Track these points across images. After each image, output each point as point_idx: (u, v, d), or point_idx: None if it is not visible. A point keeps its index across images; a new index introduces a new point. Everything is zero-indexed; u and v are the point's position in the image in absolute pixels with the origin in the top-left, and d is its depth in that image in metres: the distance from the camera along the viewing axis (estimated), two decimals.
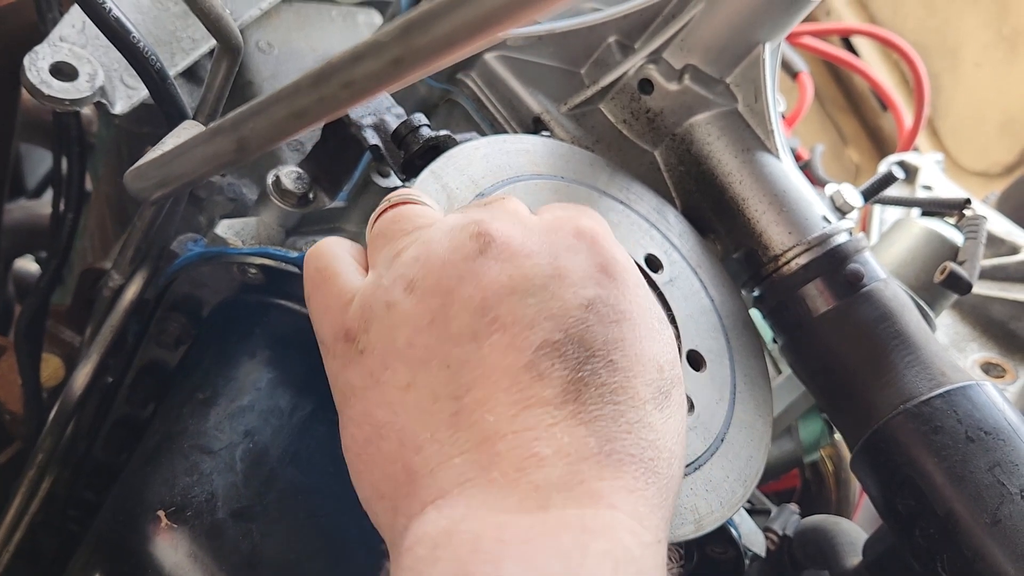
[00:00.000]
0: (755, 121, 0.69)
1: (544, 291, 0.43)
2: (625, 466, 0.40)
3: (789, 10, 0.66)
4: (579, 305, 0.43)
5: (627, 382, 0.42)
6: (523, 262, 0.44)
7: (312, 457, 0.58)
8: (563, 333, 0.42)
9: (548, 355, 0.41)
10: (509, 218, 0.47)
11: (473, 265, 0.44)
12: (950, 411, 0.58)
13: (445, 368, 0.42)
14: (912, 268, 0.83)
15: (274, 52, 0.82)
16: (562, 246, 0.45)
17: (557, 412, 0.40)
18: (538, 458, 0.39)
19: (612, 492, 0.39)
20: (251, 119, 0.41)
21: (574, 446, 0.40)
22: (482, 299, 0.43)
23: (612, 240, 0.48)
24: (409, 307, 0.44)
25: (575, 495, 0.39)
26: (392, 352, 0.43)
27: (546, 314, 0.42)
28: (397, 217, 0.49)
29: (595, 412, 0.41)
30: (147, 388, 0.70)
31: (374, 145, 0.62)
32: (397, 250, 0.47)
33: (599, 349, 0.42)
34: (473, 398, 0.41)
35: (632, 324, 0.44)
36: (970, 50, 1.85)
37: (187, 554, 0.54)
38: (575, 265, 0.44)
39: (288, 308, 0.62)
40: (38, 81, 0.61)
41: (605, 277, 0.44)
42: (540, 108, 0.71)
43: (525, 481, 0.39)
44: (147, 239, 0.68)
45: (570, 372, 0.41)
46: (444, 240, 0.45)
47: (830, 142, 1.94)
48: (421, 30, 0.31)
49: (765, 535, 0.74)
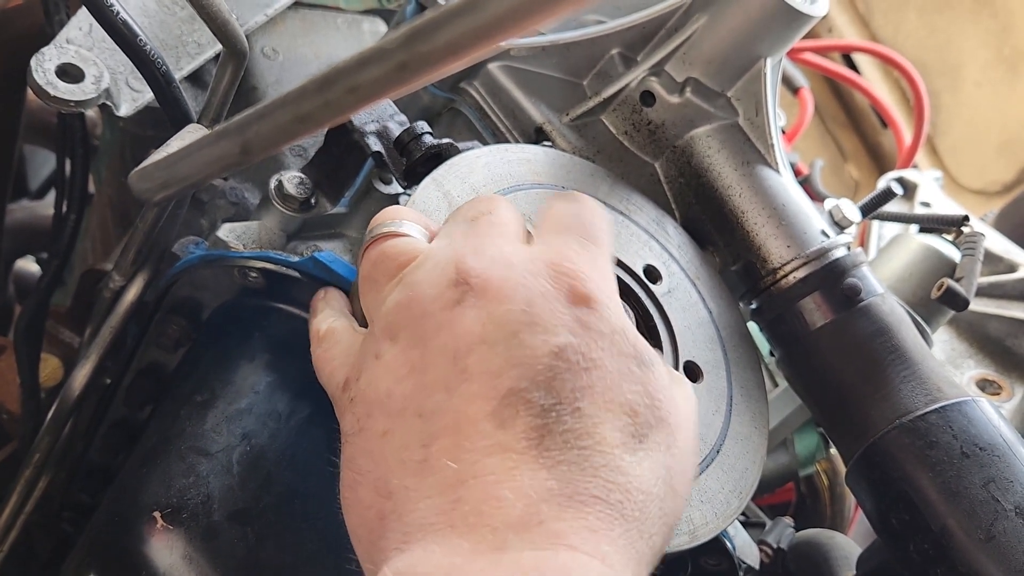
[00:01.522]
0: (755, 135, 0.70)
1: (514, 339, 0.43)
2: (588, 507, 0.40)
3: (791, 26, 0.67)
4: (548, 353, 0.43)
5: (594, 428, 0.42)
6: (496, 308, 0.44)
7: (309, 461, 0.58)
8: (528, 381, 0.42)
9: (512, 404, 0.42)
10: (492, 250, 0.47)
11: (451, 314, 0.44)
12: (945, 426, 0.58)
13: (418, 417, 0.43)
14: (909, 284, 0.84)
15: (279, 58, 0.82)
16: (538, 291, 0.45)
17: (518, 457, 0.41)
18: (498, 500, 0.40)
19: (572, 532, 0.39)
20: (256, 122, 0.41)
21: (534, 488, 0.40)
22: (455, 349, 0.44)
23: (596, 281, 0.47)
24: (391, 357, 0.45)
25: (532, 536, 0.39)
26: (374, 401, 0.45)
27: (514, 362, 0.43)
28: (380, 259, 0.50)
29: (558, 457, 0.41)
30: (145, 390, 0.70)
31: (377, 152, 0.62)
32: (383, 296, 0.48)
33: (566, 396, 0.42)
34: (440, 446, 0.42)
35: (603, 372, 0.44)
36: (970, 69, 1.85)
37: (182, 556, 0.54)
38: (549, 312, 0.44)
39: (288, 312, 0.62)
40: (44, 82, 0.61)
41: (578, 325, 0.44)
42: (542, 118, 0.71)
43: (483, 524, 0.39)
44: (149, 241, 0.68)
45: (533, 419, 0.42)
46: (426, 287, 0.46)
47: (830, 158, 1.95)
48: (426, 37, 0.31)
49: (759, 548, 0.74)
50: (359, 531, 0.44)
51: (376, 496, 0.43)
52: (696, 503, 0.57)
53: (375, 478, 0.43)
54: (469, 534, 0.39)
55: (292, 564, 0.55)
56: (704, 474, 0.58)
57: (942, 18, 1.86)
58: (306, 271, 0.59)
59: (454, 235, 0.49)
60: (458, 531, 0.39)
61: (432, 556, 0.39)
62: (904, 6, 1.90)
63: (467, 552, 0.39)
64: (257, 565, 0.55)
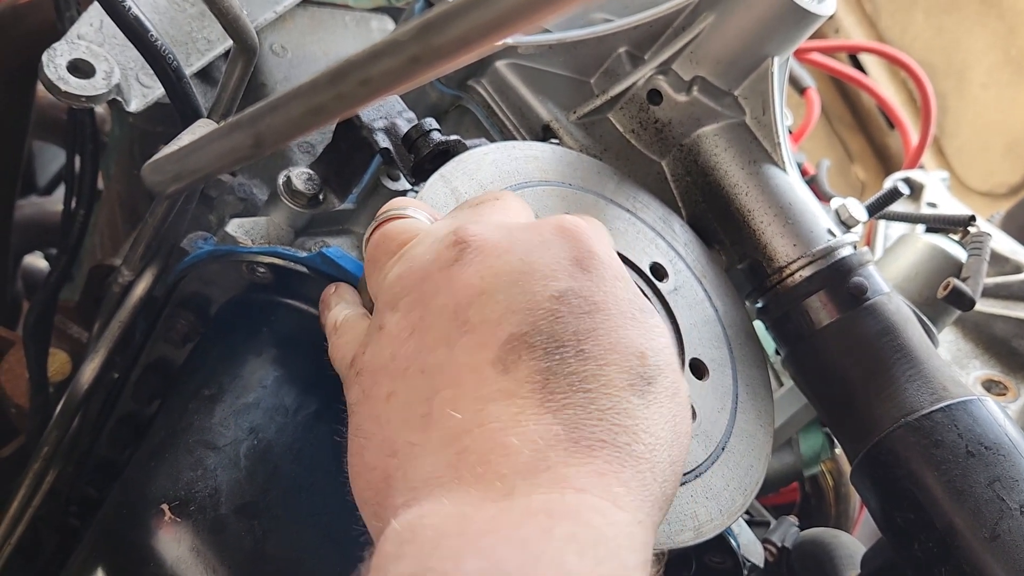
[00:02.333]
0: (762, 134, 0.70)
1: (513, 287, 0.43)
2: (595, 451, 0.40)
3: (798, 25, 0.67)
4: (549, 297, 0.43)
5: (599, 370, 0.42)
6: (493, 261, 0.44)
7: (315, 455, 0.58)
8: (530, 325, 0.42)
9: (514, 348, 0.42)
10: (491, 220, 0.47)
11: (448, 272, 0.45)
12: (951, 425, 0.58)
13: (420, 374, 0.43)
14: (915, 283, 0.84)
15: (287, 55, 0.83)
16: (536, 241, 0.45)
17: (523, 402, 0.41)
18: (503, 448, 0.40)
19: (580, 476, 0.39)
20: (268, 115, 0.42)
21: (540, 434, 0.40)
22: (455, 304, 0.44)
23: (594, 235, 0.47)
24: (394, 324, 0.45)
25: (540, 481, 0.39)
26: (379, 367, 0.45)
27: (513, 308, 0.43)
28: (380, 239, 0.50)
29: (563, 400, 0.41)
30: (152, 385, 0.70)
31: (385, 148, 0.62)
32: (385, 273, 0.48)
33: (569, 339, 0.42)
34: (442, 399, 0.42)
35: (606, 314, 0.44)
36: (977, 71, 1.85)
37: (190, 548, 0.54)
38: (548, 259, 0.44)
39: (295, 307, 0.62)
40: (56, 78, 0.61)
41: (579, 270, 0.44)
42: (549, 116, 0.71)
43: (490, 472, 0.39)
44: (158, 236, 0.68)
45: (537, 362, 0.41)
46: (425, 254, 0.46)
47: (836, 159, 1.95)
48: (438, 30, 0.32)
49: (764, 547, 0.74)
50: (365, 494, 0.44)
51: (381, 457, 0.43)
52: (701, 500, 0.57)
53: (380, 440, 0.43)
54: (477, 483, 0.39)
55: (298, 557, 0.56)
56: (709, 471, 0.58)
57: (949, 19, 1.86)
58: (314, 266, 0.60)
59: (456, 214, 0.50)
60: (465, 482, 0.39)
61: (441, 507, 0.39)
62: (911, 7, 1.90)
63: (476, 500, 0.38)
64: (264, 558, 0.55)
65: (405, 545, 0.38)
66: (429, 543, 0.37)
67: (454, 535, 0.37)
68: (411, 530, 0.38)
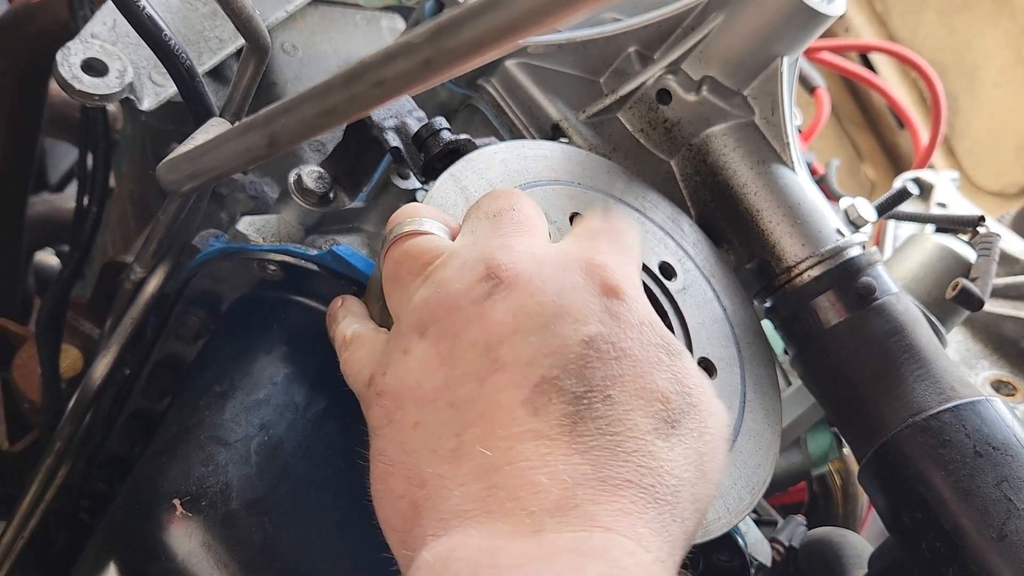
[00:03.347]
0: (771, 133, 0.70)
1: (546, 329, 0.44)
2: (622, 491, 0.41)
3: (808, 25, 0.67)
4: (579, 342, 0.44)
5: (625, 415, 0.43)
6: (527, 300, 0.45)
7: (325, 452, 0.59)
8: (560, 369, 0.43)
9: (545, 391, 0.43)
10: (520, 246, 0.48)
11: (481, 308, 0.45)
12: (959, 425, 0.58)
13: (450, 407, 0.44)
14: (924, 283, 0.84)
15: (298, 54, 0.83)
16: (568, 283, 0.46)
17: (552, 443, 0.42)
18: (533, 486, 0.40)
19: (608, 515, 0.40)
20: (283, 115, 0.42)
21: (569, 473, 0.41)
22: (487, 340, 0.44)
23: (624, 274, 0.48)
24: (421, 351, 0.46)
25: (569, 519, 0.39)
26: (404, 393, 0.46)
27: (545, 351, 0.43)
28: (403, 258, 0.50)
29: (591, 442, 0.42)
30: (164, 381, 0.71)
31: (395, 147, 0.63)
32: (410, 294, 0.48)
33: (597, 384, 0.43)
34: (472, 434, 0.43)
35: (633, 360, 0.44)
36: (989, 71, 1.84)
37: (201, 543, 0.55)
38: (580, 303, 0.45)
39: (306, 305, 0.63)
40: (70, 76, 0.62)
41: (608, 316, 0.45)
42: (559, 115, 0.72)
43: (520, 508, 0.40)
44: (170, 234, 0.69)
45: (566, 406, 0.42)
46: (454, 281, 0.47)
47: (846, 158, 1.94)
48: (452, 33, 0.32)
49: (771, 545, 0.74)
50: (391, 521, 0.45)
51: (408, 486, 0.43)
52: None
53: (407, 468, 0.44)
54: (506, 519, 0.40)
55: (308, 553, 0.56)
56: None
57: (960, 19, 1.85)
58: (324, 264, 0.60)
59: (478, 232, 0.50)
60: (495, 516, 0.40)
61: (471, 540, 0.39)
62: (922, 7, 1.89)
63: (507, 535, 0.39)
64: (274, 553, 0.55)
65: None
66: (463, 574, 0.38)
67: (487, 567, 0.38)
68: (443, 562, 0.39)
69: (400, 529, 0.44)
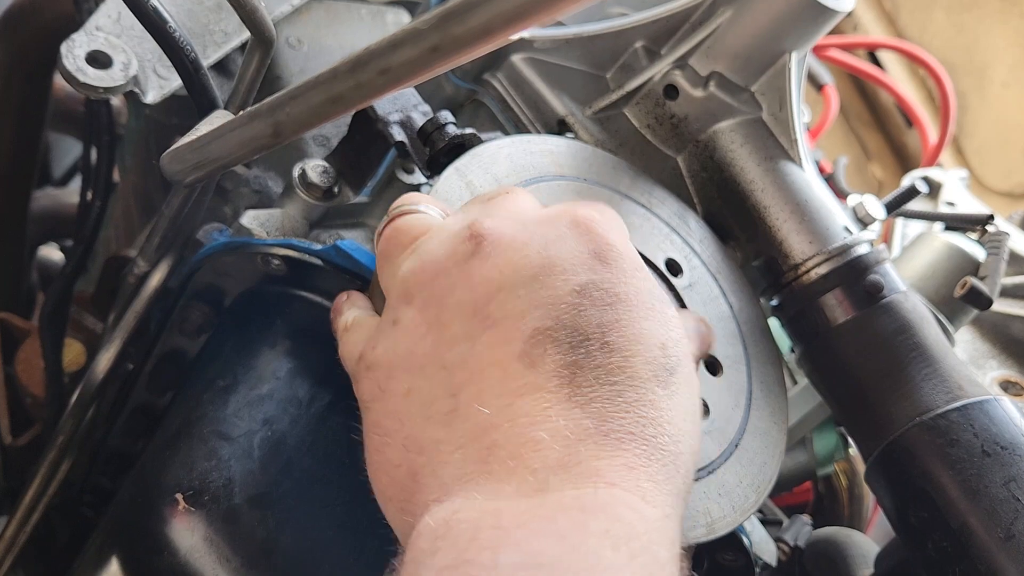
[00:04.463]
0: (779, 130, 0.70)
1: (534, 281, 0.43)
2: (624, 444, 0.40)
3: (816, 21, 0.67)
4: (570, 291, 0.43)
5: (624, 362, 0.42)
6: (512, 255, 0.44)
7: (328, 447, 0.58)
8: (554, 320, 0.42)
9: (540, 343, 0.42)
10: (505, 214, 0.47)
11: (465, 267, 0.44)
12: (966, 425, 0.58)
13: (441, 369, 0.43)
14: (933, 282, 0.83)
15: (303, 48, 0.83)
16: (553, 236, 0.45)
17: (551, 396, 0.41)
18: (534, 443, 0.40)
19: (611, 470, 0.39)
20: (288, 104, 0.42)
21: (570, 428, 0.40)
22: (473, 299, 0.44)
23: (610, 227, 0.47)
24: (409, 319, 0.45)
25: (572, 476, 0.39)
26: (395, 363, 0.45)
27: (536, 303, 0.43)
28: (393, 234, 0.50)
29: (591, 393, 0.41)
30: (167, 376, 0.71)
31: (400, 141, 0.62)
32: (397, 267, 0.48)
33: (593, 332, 0.42)
34: (468, 394, 0.42)
35: (628, 306, 0.44)
36: (998, 69, 1.83)
37: (203, 538, 0.55)
38: (566, 253, 0.44)
39: (309, 300, 0.62)
40: (74, 68, 0.62)
41: (598, 262, 0.44)
42: (565, 110, 0.71)
43: (522, 467, 0.39)
44: (174, 227, 0.68)
45: (563, 356, 0.42)
46: (439, 249, 0.46)
47: (854, 157, 1.93)
48: (458, 19, 0.32)
49: (777, 545, 0.74)
50: (389, 491, 0.44)
51: (405, 453, 0.43)
52: (714, 496, 0.56)
53: (403, 437, 0.43)
54: (509, 478, 0.39)
55: (310, 548, 0.56)
56: (722, 468, 0.58)
57: (970, 17, 1.84)
58: (328, 259, 0.60)
59: (469, 210, 0.50)
60: (497, 476, 0.39)
61: (474, 502, 0.39)
62: (931, 5, 1.89)
63: (509, 495, 0.39)
64: (276, 548, 0.55)
65: (440, 540, 0.38)
66: (465, 536, 0.37)
67: (489, 528, 0.37)
68: (446, 525, 0.38)
69: (398, 498, 0.43)
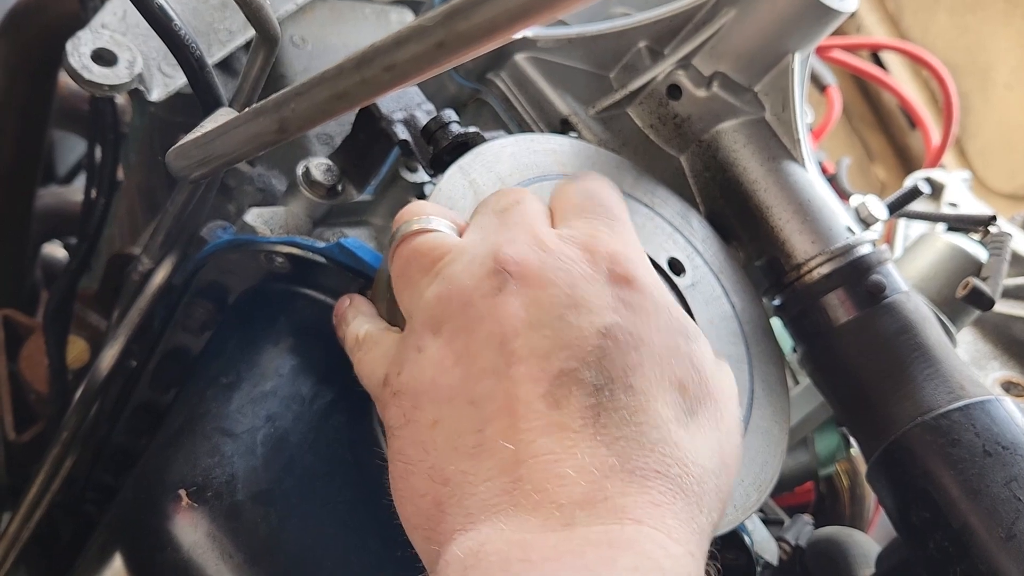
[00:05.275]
0: (782, 130, 0.70)
1: (560, 321, 0.44)
2: (650, 481, 0.41)
3: (820, 21, 0.67)
4: (596, 332, 0.44)
5: (647, 404, 0.43)
6: (539, 294, 0.45)
7: (331, 445, 0.59)
8: (579, 361, 0.43)
9: (565, 384, 0.42)
10: (526, 238, 0.47)
11: (493, 302, 0.45)
12: (968, 424, 0.58)
13: (469, 404, 0.44)
14: (935, 282, 0.83)
15: (307, 47, 0.83)
16: (579, 274, 0.46)
17: (575, 436, 0.41)
18: (559, 478, 0.40)
19: (637, 507, 0.40)
20: (293, 100, 0.42)
21: (596, 465, 0.40)
22: (501, 335, 0.44)
23: (633, 260, 0.48)
24: (436, 349, 0.46)
25: (599, 512, 0.39)
26: (421, 392, 0.45)
27: (562, 344, 0.43)
28: (412, 255, 0.50)
29: (615, 433, 0.42)
30: (170, 373, 0.71)
31: (403, 140, 0.62)
32: (420, 291, 0.48)
33: (617, 374, 0.43)
34: (494, 429, 0.42)
35: (651, 349, 0.44)
36: (1001, 71, 1.83)
37: (206, 534, 0.55)
38: (593, 293, 0.45)
39: (312, 298, 0.63)
40: (80, 66, 0.62)
41: (622, 305, 0.45)
42: (568, 110, 0.71)
43: (548, 501, 0.40)
44: (178, 225, 0.69)
45: (587, 398, 0.42)
46: (465, 277, 0.46)
47: (857, 158, 1.93)
48: (464, 15, 0.32)
49: (778, 544, 0.74)
50: (414, 519, 0.44)
51: (431, 483, 0.43)
52: None
53: (428, 467, 0.44)
54: (535, 511, 0.39)
55: (313, 545, 0.56)
56: None
57: (973, 18, 1.84)
58: (332, 257, 0.60)
59: (486, 228, 0.50)
60: (523, 509, 0.40)
61: (501, 533, 0.39)
62: (935, 6, 1.88)
63: (537, 527, 0.39)
64: (279, 545, 0.55)
65: (470, 570, 0.38)
66: (495, 568, 0.38)
67: (518, 560, 0.38)
68: (474, 556, 0.39)
69: (424, 527, 0.44)
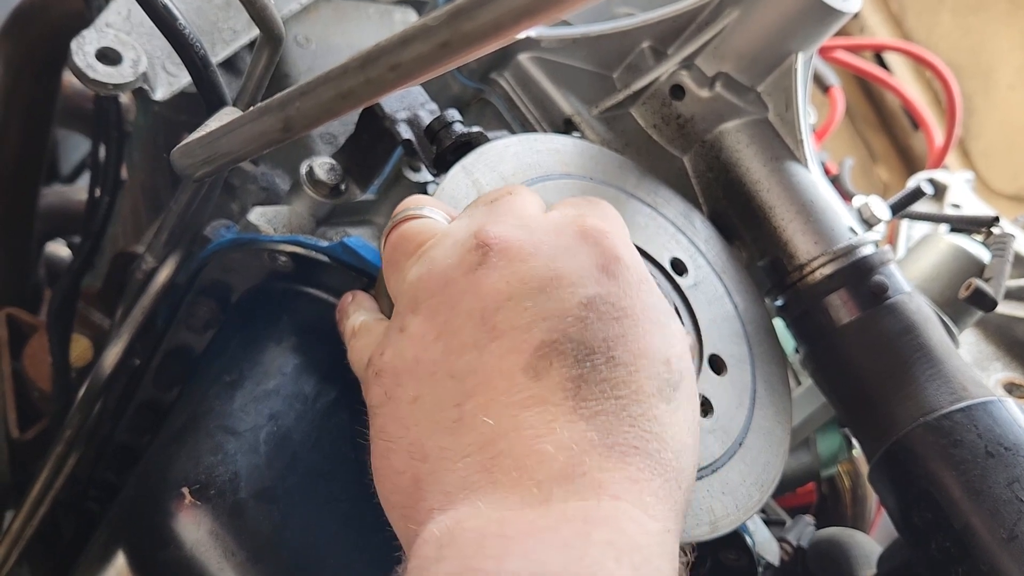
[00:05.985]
0: (785, 130, 0.70)
1: (541, 294, 0.43)
2: (628, 457, 0.41)
3: (823, 21, 0.67)
4: (577, 304, 0.43)
5: (629, 376, 0.42)
6: (520, 267, 0.44)
7: (334, 443, 0.59)
8: (560, 333, 0.43)
9: (546, 355, 0.42)
10: (511, 220, 0.47)
11: (473, 277, 0.45)
12: (970, 425, 0.58)
13: (449, 378, 0.43)
14: (937, 283, 0.83)
15: (311, 47, 0.83)
16: (561, 247, 0.45)
17: (556, 409, 0.41)
18: (539, 455, 0.40)
19: (615, 483, 0.40)
20: (298, 99, 0.42)
21: (575, 440, 0.40)
22: (482, 309, 0.44)
23: (617, 238, 0.47)
24: (417, 327, 0.45)
25: (577, 487, 0.39)
26: (402, 369, 0.45)
27: (543, 316, 0.43)
28: (399, 240, 0.50)
29: (595, 407, 0.41)
30: (173, 371, 0.71)
31: (407, 139, 0.62)
32: (404, 275, 0.48)
33: (599, 346, 0.43)
34: (474, 404, 0.42)
35: (634, 320, 0.44)
36: (1005, 72, 1.83)
37: (209, 532, 0.55)
38: (574, 265, 0.45)
39: (315, 296, 0.63)
40: (84, 65, 0.62)
41: (605, 276, 0.45)
42: (571, 110, 0.71)
43: (527, 478, 0.40)
44: (181, 223, 0.69)
45: (568, 370, 0.42)
46: (446, 257, 0.46)
47: (859, 159, 1.93)
48: (468, 15, 0.32)
49: (780, 545, 0.74)
50: (393, 497, 0.44)
51: (410, 460, 0.43)
52: (717, 494, 0.57)
53: (408, 443, 0.43)
54: (513, 488, 0.39)
55: (315, 543, 0.56)
56: (726, 466, 0.58)
57: (976, 19, 1.84)
58: (335, 256, 0.60)
59: (474, 215, 0.50)
60: (501, 486, 0.40)
61: (478, 511, 0.39)
62: (938, 7, 1.88)
63: (514, 504, 0.39)
64: (281, 543, 0.56)
65: (446, 548, 0.38)
66: (470, 545, 0.38)
67: (494, 537, 0.38)
68: (450, 533, 0.39)
69: (402, 505, 0.44)
